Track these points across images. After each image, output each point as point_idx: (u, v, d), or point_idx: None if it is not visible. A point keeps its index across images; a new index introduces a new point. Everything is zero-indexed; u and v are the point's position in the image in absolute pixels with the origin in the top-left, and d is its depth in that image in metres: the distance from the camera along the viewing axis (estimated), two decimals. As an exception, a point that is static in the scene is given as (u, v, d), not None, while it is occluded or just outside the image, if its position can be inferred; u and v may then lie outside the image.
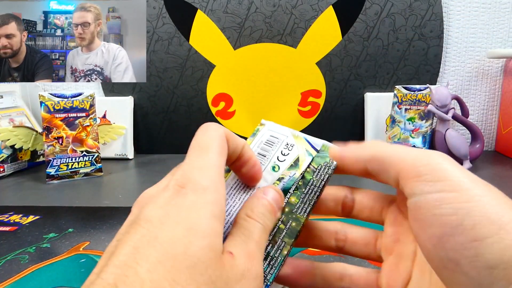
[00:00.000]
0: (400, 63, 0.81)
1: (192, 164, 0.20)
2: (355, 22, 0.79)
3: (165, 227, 0.17)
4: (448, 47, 0.82)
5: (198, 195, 0.18)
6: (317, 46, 0.80)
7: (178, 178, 0.19)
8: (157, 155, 0.85)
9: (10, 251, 0.39)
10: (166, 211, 0.17)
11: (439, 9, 0.79)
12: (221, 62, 0.82)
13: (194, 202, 0.18)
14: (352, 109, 0.83)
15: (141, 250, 0.16)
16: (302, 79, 0.82)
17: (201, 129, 0.21)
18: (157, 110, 0.83)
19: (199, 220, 0.17)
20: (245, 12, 0.80)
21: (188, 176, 0.19)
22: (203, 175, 0.19)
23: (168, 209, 0.17)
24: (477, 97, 0.85)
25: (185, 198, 0.18)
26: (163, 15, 0.80)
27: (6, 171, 0.67)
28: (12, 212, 0.50)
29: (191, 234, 0.16)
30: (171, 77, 0.82)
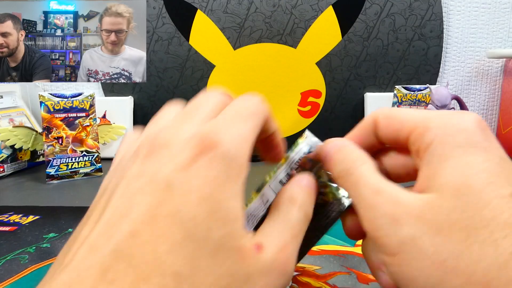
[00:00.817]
0: (400, 63, 0.81)
1: (227, 124, 0.17)
2: (355, 22, 0.79)
3: (188, 200, 0.14)
4: (448, 47, 0.82)
5: (225, 165, 0.15)
6: (317, 46, 0.80)
7: (207, 132, 0.16)
8: (157, 155, 0.85)
9: (10, 251, 0.39)
10: (189, 178, 0.15)
11: (439, 9, 0.79)
12: (221, 62, 0.82)
13: (219, 174, 0.15)
14: (352, 109, 0.83)
15: (161, 223, 0.14)
16: (302, 79, 0.82)
17: (247, 97, 0.19)
18: (157, 110, 0.83)
19: (222, 202, 0.15)
20: (245, 12, 0.80)
21: (220, 136, 0.16)
22: (236, 143, 0.16)
23: (191, 176, 0.15)
24: (477, 97, 0.85)
25: (211, 166, 0.15)
26: (163, 15, 0.80)
27: (6, 171, 0.67)
28: (12, 212, 0.50)
29: (213, 218, 0.14)
30: (171, 77, 0.82)
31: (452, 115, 0.18)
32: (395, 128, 0.20)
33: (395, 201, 0.17)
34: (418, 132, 0.18)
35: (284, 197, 0.19)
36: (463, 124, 0.17)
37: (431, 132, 0.17)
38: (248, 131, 0.17)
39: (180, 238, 0.14)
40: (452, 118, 0.18)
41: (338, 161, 0.20)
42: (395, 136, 0.20)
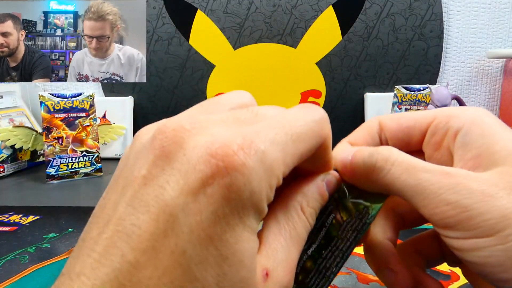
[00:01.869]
0: (400, 63, 0.81)
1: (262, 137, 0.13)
2: (355, 22, 0.79)
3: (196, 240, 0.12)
4: (448, 47, 0.82)
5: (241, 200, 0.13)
6: (317, 46, 0.80)
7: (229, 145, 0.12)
8: (157, 155, 0.85)
9: (10, 251, 0.39)
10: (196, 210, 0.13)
11: (439, 9, 0.79)
12: (221, 62, 0.82)
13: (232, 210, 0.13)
14: (352, 109, 0.83)
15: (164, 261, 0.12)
16: (302, 79, 0.82)
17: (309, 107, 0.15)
18: (157, 110, 0.83)
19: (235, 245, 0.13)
20: (245, 12, 0.80)
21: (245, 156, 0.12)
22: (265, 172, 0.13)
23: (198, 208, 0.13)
24: (477, 97, 0.85)
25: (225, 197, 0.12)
26: (163, 15, 0.80)
27: (6, 171, 0.67)
28: (12, 212, 0.50)
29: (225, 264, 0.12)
30: (171, 77, 0.82)
31: (464, 107, 0.18)
32: (405, 126, 0.19)
33: (474, 178, 0.15)
34: (439, 121, 0.18)
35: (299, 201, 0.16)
36: (482, 110, 0.18)
37: (458, 118, 0.18)
38: (288, 154, 0.14)
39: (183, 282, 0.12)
40: (469, 108, 0.18)
41: (363, 160, 0.17)
42: (406, 135, 0.19)
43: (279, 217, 0.16)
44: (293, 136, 0.14)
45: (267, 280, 0.14)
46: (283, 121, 0.14)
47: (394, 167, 0.17)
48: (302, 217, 0.16)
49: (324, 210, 0.18)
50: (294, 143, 0.14)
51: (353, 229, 0.18)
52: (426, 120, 0.19)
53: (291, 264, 0.15)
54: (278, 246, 0.15)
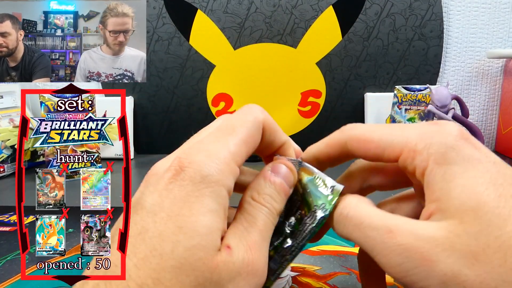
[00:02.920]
0: (400, 63, 0.81)
1: (202, 145, 0.18)
2: (355, 22, 0.79)
3: (157, 219, 0.16)
4: (448, 47, 0.82)
5: (195, 184, 0.17)
6: (317, 46, 0.80)
7: (182, 156, 0.17)
8: (157, 155, 0.85)
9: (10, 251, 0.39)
10: (161, 199, 0.17)
11: (439, 9, 0.79)
12: (221, 62, 0.82)
13: (189, 193, 0.16)
14: (352, 109, 0.83)
15: (132, 241, 0.16)
16: (302, 79, 0.82)
17: (241, 109, 0.19)
18: (157, 110, 0.83)
19: (190, 217, 0.16)
20: (245, 12, 0.80)
21: (191, 157, 0.17)
22: (208, 161, 0.17)
23: (163, 197, 0.17)
24: (477, 97, 0.85)
25: (181, 186, 0.17)
26: (163, 15, 0.80)
27: (6, 171, 0.67)
28: (12, 212, 0.50)
29: (180, 233, 0.16)
30: (171, 77, 0.82)
31: (433, 132, 0.17)
32: (373, 153, 0.19)
33: (416, 237, 0.15)
34: (406, 157, 0.17)
35: (248, 195, 0.19)
36: (449, 139, 0.17)
37: (421, 155, 0.17)
38: (225, 147, 0.18)
39: (145, 254, 0.15)
40: (435, 136, 0.17)
41: None
42: (377, 158, 0.19)
43: (240, 208, 0.19)
44: (228, 130, 0.18)
45: (230, 253, 0.16)
46: (220, 125, 0.19)
47: (347, 222, 0.18)
48: (255, 205, 0.18)
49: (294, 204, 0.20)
50: (232, 135, 0.18)
51: (310, 223, 0.19)
52: (394, 153, 0.18)
53: (250, 242, 0.17)
54: (239, 228, 0.18)
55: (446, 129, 0.17)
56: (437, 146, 0.17)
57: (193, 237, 0.16)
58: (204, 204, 0.16)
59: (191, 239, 0.16)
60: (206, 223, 0.16)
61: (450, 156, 0.16)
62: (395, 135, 0.18)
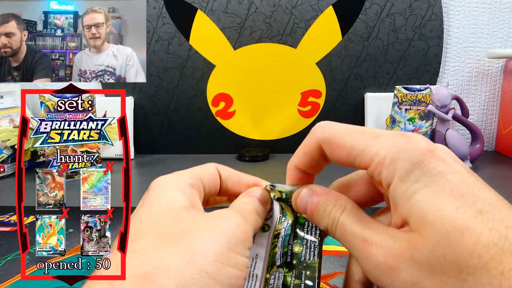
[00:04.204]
0: (400, 63, 0.81)
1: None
2: (355, 22, 0.79)
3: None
4: (448, 47, 0.82)
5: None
6: (317, 46, 0.80)
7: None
8: (157, 155, 0.85)
9: (10, 251, 0.39)
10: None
11: (439, 9, 0.79)
12: (221, 62, 0.82)
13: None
14: (352, 109, 0.83)
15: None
16: (302, 79, 0.82)
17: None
18: (157, 110, 0.83)
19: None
20: (245, 12, 0.80)
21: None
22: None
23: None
24: (477, 97, 0.85)
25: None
26: (163, 15, 0.80)
27: (6, 171, 0.67)
28: (12, 213, 0.50)
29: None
30: (171, 77, 0.82)
31: (401, 145, 0.18)
32: (347, 159, 0.19)
33: (384, 248, 0.17)
34: (375, 169, 0.18)
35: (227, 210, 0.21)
36: (415, 154, 0.17)
37: (388, 169, 0.17)
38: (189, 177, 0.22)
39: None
40: (402, 150, 0.17)
41: (319, 217, 0.20)
42: (349, 164, 0.20)
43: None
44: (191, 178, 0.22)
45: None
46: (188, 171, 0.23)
47: (337, 230, 0.19)
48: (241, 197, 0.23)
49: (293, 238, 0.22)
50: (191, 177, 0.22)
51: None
52: (364, 162, 0.18)
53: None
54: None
55: (412, 143, 0.18)
56: (402, 162, 0.17)
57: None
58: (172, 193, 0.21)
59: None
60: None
61: (413, 173, 0.17)
62: (366, 145, 0.18)
